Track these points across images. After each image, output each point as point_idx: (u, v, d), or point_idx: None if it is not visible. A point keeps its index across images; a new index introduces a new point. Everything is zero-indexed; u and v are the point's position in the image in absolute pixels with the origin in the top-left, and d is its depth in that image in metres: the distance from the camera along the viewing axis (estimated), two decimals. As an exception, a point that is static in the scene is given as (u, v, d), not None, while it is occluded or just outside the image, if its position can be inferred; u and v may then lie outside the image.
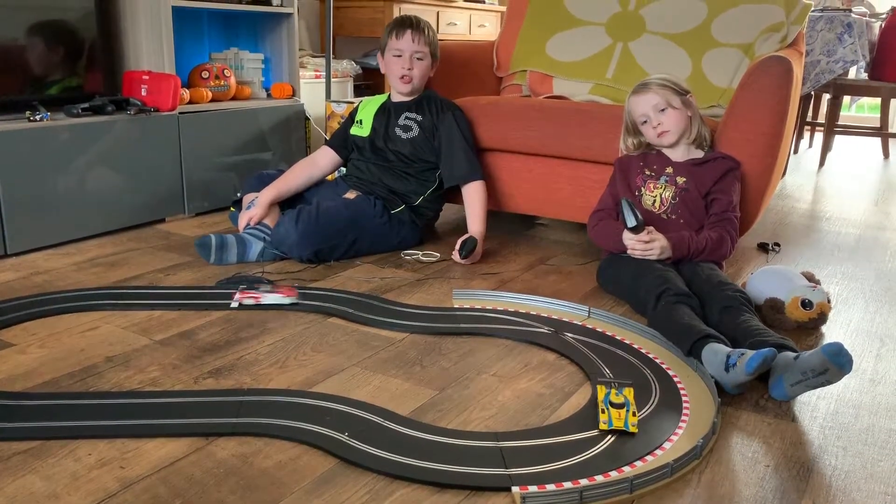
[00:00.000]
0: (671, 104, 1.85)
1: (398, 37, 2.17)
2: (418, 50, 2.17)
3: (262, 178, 2.23)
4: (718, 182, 1.85)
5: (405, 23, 2.18)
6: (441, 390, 1.36)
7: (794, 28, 2.27)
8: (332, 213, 2.03)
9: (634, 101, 1.90)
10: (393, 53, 2.18)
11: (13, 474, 1.07)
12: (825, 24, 3.48)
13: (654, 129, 1.87)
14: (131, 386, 1.33)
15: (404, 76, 2.18)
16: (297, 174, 2.23)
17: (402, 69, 2.17)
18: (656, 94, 1.86)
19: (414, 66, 2.17)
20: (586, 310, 1.73)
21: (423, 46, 2.17)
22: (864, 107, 5.52)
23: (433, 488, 1.06)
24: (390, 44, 2.18)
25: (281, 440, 1.17)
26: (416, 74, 2.18)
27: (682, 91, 1.88)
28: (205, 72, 2.61)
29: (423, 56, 2.18)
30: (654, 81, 1.88)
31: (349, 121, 2.32)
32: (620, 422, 1.23)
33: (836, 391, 1.41)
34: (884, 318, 1.80)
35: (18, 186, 2.02)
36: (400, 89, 2.22)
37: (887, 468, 1.16)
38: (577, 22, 2.55)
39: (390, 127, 2.21)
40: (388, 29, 2.20)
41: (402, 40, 2.16)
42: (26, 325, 1.59)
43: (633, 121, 1.92)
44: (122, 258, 2.06)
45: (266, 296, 1.73)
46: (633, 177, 1.93)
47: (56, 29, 2.26)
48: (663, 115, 1.86)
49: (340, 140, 2.30)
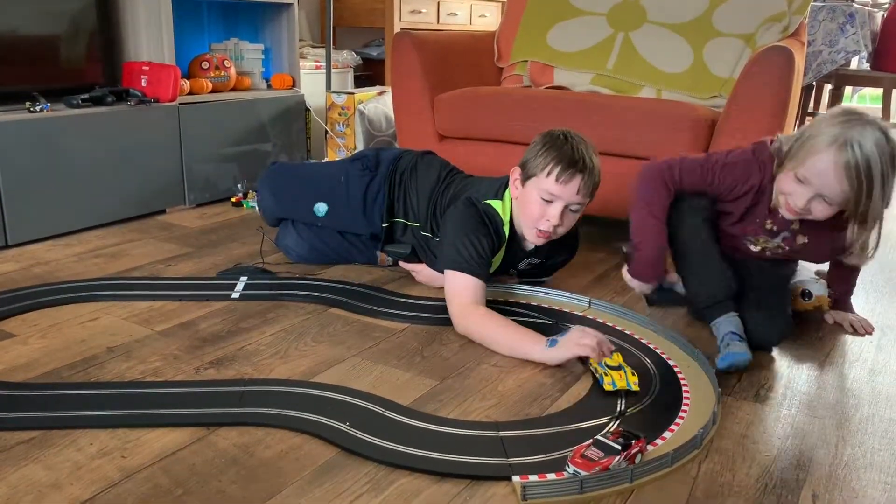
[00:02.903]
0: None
1: (561, 180, 1.54)
2: (580, 202, 1.59)
3: (279, 171, 2.10)
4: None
5: (576, 163, 1.54)
6: (442, 380, 1.36)
7: (795, 18, 2.26)
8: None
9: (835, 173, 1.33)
10: (542, 196, 1.57)
11: (15, 464, 1.07)
12: (827, 14, 3.47)
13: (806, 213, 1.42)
14: (132, 376, 1.34)
15: (545, 231, 1.60)
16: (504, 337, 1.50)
17: (547, 223, 1.58)
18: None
19: (564, 223, 1.60)
20: (587, 300, 1.73)
21: (585, 197, 1.58)
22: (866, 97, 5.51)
23: (434, 478, 1.07)
24: (544, 182, 1.55)
25: (282, 430, 1.17)
26: (562, 231, 1.62)
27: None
28: (205, 62, 2.60)
29: (579, 208, 1.61)
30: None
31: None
32: (623, 382, 1.32)
33: (836, 381, 1.41)
34: (884, 308, 1.80)
35: (19, 177, 2.02)
36: (533, 241, 1.65)
37: (887, 457, 1.16)
38: (578, 12, 2.54)
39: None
40: (548, 157, 1.55)
41: (567, 187, 1.54)
42: (27, 315, 1.59)
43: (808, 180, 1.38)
44: (122, 249, 2.06)
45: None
46: (753, 218, 1.53)
47: (56, 19, 2.25)
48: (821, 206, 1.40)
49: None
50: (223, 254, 2.03)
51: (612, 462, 1.06)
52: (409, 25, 3.61)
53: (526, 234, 1.66)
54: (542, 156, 1.56)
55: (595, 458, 1.07)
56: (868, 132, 1.30)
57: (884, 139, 1.30)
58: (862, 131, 1.30)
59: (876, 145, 1.29)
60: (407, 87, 2.37)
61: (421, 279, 1.86)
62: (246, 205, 2.52)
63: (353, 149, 2.95)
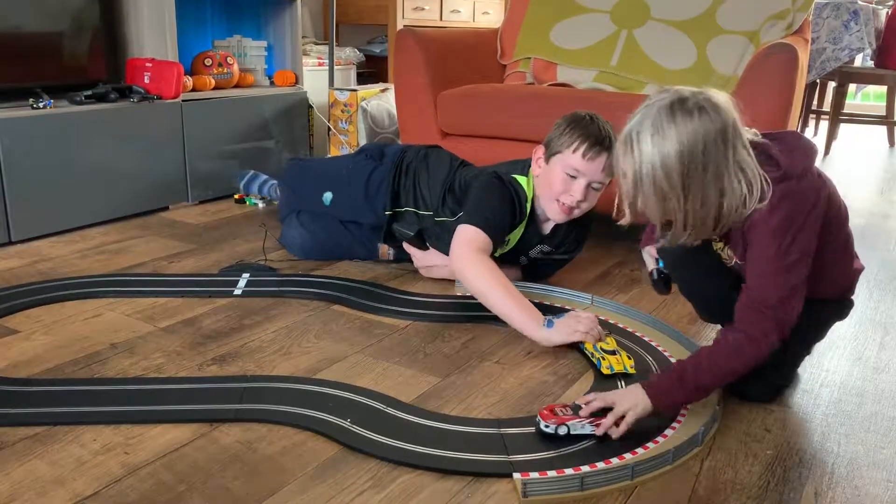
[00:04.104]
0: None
1: (588, 157, 1.56)
2: (602, 181, 1.61)
3: (297, 166, 2.13)
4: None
5: (602, 140, 1.57)
6: (444, 377, 1.36)
7: (799, 15, 2.25)
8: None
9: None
10: (567, 171, 1.60)
11: (19, 460, 1.07)
12: (831, 12, 3.46)
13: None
14: (136, 372, 1.34)
15: (567, 206, 1.62)
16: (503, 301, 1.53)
17: (571, 197, 1.61)
18: None
19: (587, 199, 1.62)
20: (589, 298, 1.73)
21: (608, 177, 1.60)
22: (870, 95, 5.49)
23: (435, 474, 1.07)
24: (570, 159, 1.58)
25: (284, 426, 1.18)
26: (585, 207, 1.64)
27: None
28: (208, 59, 2.60)
29: (601, 187, 1.63)
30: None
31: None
32: (620, 365, 1.35)
33: (839, 379, 1.41)
34: (888, 306, 1.79)
35: (22, 174, 2.02)
36: (554, 217, 1.68)
37: (890, 455, 1.16)
38: (582, 9, 2.54)
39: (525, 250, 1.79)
40: (574, 134, 1.58)
41: (592, 164, 1.57)
42: (31, 311, 1.59)
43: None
44: (126, 246, 2.06)
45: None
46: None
47: (59, 16, 2.25)
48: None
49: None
50: (226, 250, 2.03)
51: (572, 420, 1.13)
52: (412, 22, 3.60)
53: (547, 210, 1.67)
54: (567, 134, 1.59)
55: (560, 413, 1.15)
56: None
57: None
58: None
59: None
60: (410, 84, 2.37)
61: (419, 265, 1.86)
62: (249, 202, 2.53)
63: (355, 146, 2.95)
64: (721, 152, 1.10)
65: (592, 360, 1.40)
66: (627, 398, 1.15)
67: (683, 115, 1.10)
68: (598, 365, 1.37)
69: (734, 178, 1.11)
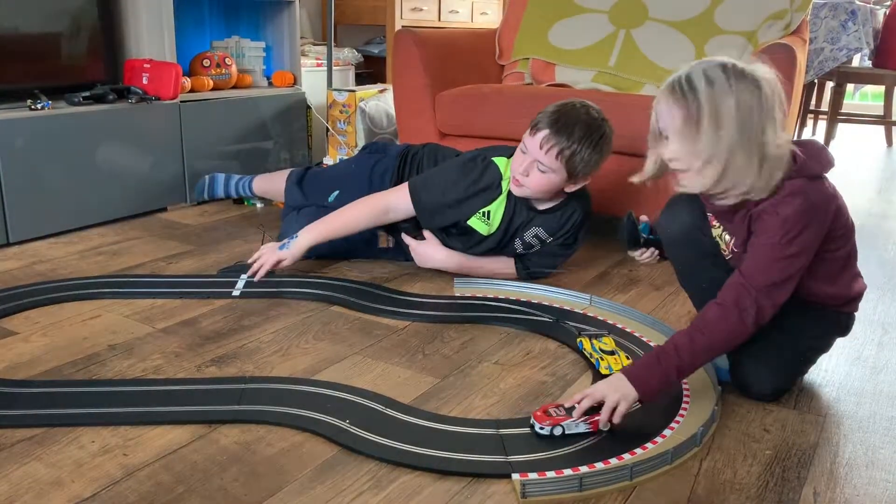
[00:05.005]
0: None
1: (531, 131, 1.66)
2: (546, 164, 1.64)
3: (317, 177, 2.08)
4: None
5: (553, 123, 1.63)
6: (443, 378, 1.36)
7: (797, 15, 2.25)
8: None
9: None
10: (521, 147, 1.69)
11: (17, 461, 1.07)
12: (829, 12, 3.47)
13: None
14: (134, 374, 1.34)
15: (515, 177, 1.70)
16: (356, 219, 1.77)
17: (517, 169, 1.69)
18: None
19: (531, 174, 1.67)
20: (588, 298, 1.73)
21: (552, 161, 1.63)
22: (868, 95, 5.50)
23: (434, 475, 1.07)
24: (525, 134, 1.69)
25: (283, 428, 1.17)
26: (530, 186, 1.69)
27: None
28: (206, 60, 2.60)
29: (546, 171, 1.66)
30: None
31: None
32: (619, 365, 1.35)
33: (837, 379, 1.41)
34: (886, 306, 1.80)
35: (20, 175, 2.02)
36: (512, 189, 1.74)
37: (889, 455, 1.16)
38: (580, 9, 2.54)
39: (515, 233, 1.82)
40: (542, 113, 1.67)
41: (533, 139, 1.65)
42: (29, 313, 1.59)
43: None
44: (124, 247, 2.06)
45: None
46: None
47: (57, 17, 2.25)
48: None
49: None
50: (224, 251, 2.03)
51: (566, 420, 1.14)
52: (410, 23, 3.60)
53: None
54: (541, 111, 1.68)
55: (553, 413, 1.16)
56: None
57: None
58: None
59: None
60: (408, 85, 2.37)
61: (416, 256, 1.86)
62: (248, 202, 2.52)
63: (354, 146, 2.95)
64: (768, 123, 1.18)
65: (591, 360, 1.41)
66: (613, 388, 1.16)
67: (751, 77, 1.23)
68: (597, 365, 1.38)
69: (773, 144, 1.17)
